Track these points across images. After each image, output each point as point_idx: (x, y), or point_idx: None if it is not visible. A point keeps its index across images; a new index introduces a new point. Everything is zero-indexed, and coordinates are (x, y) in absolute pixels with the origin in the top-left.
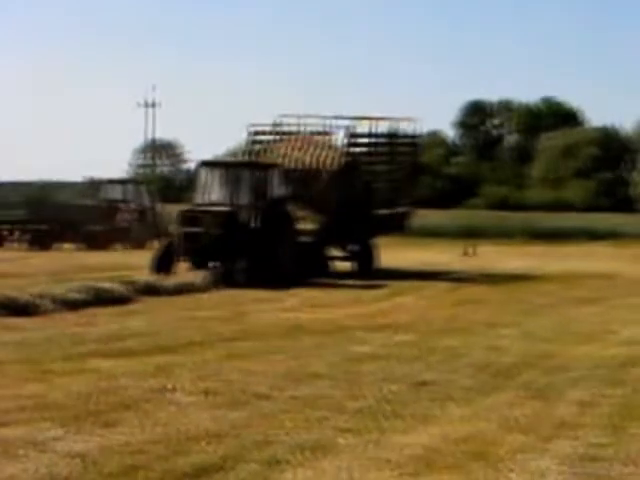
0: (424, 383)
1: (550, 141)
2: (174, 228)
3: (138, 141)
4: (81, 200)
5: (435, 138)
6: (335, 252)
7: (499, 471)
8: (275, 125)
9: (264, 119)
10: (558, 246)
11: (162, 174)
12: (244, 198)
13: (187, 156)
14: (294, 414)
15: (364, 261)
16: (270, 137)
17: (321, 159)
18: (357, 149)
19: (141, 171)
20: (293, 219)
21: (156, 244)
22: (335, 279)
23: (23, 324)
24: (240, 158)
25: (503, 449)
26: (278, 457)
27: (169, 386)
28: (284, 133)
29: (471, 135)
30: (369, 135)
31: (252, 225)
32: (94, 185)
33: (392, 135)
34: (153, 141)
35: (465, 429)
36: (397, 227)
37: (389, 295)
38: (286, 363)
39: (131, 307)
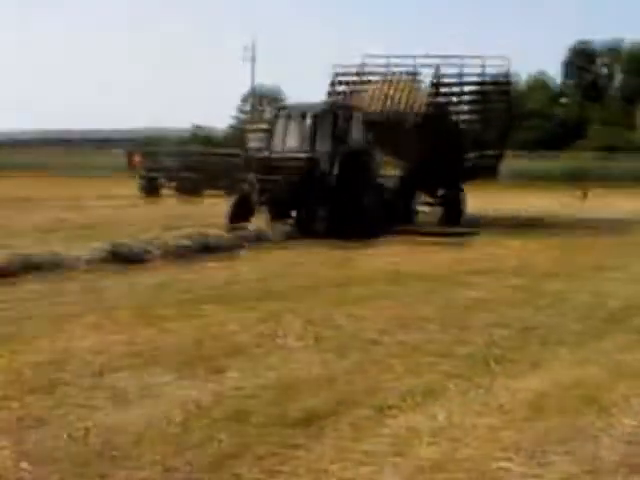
0: (533, 327)
1: None
2: (251, 176)
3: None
4: (229, 149)
5: (541, 80)
6: (423, 198)
7: (612, 416)
8: (360, 66)
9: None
10: None
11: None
12: (323, 144)
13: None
14: (404, 359)
15: (452, 208)
16: (354, 79)
17: (407, 102)
18: (445, 90)
19: (246, 118)
20: (376, 165)
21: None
22: (423, 226)
23: (134, 271)
24: (320, 102)
25: (615, 394)
26: (389, 402)
27: (279, 332)
28: (369, 74)
29: (579, 76)
30: (458, 76)
31: (332, 172)
32: (241, 134)
33: (482, 75)
34: (253, 90)
35: (576, 374)
36: (488, 172)
37: (496, 239)
38: (394, 309)
39: (238, 255)
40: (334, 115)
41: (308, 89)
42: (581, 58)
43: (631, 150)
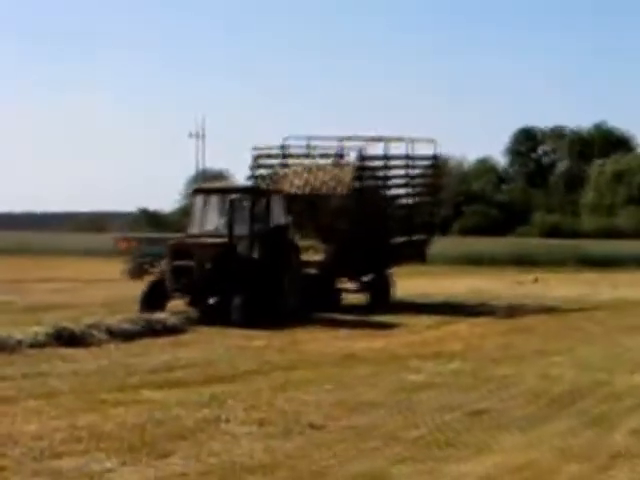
0: (478, 412)
1: (602, 167)
2: (164, 262)
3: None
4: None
5: (486, 165)
6: (347, 284)
7: None
8: (281, 148)
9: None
10: (610, 273)
11: None
12: (242, 227)
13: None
14: (348, 444)
15: (379, 293)
16: (275, 160)
17: (329, 184)
18: (369, 172)
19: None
20: (297, 249)
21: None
22: (348, 313)
23: (77, 354)
24: (237, 184)
25: (560, 478)
26: None
27: (223, 416)
28: (290, 156)
29: (522, 162)
30: (383, 157)
31: (251, 256)
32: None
33: (409, 157)
34: (204, 171)
35: (520, 458)
36: (416, 256)
37: (441, 323)
38: (340, 392)
39: (181, 338)
40: (252, 197)
41: None
42: (524, 144)
43: (575, 237)
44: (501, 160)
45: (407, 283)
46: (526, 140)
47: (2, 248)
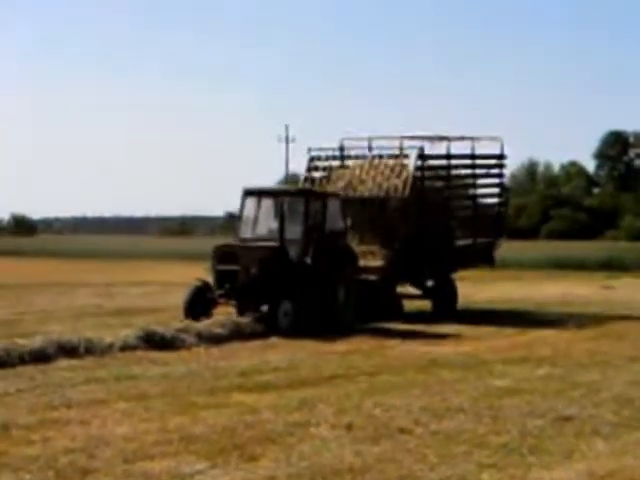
0: (566, 418)
1: None
2: (209, 266)
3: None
4: None
5: (575, 169)
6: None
7: None
8: (338, 149)
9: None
10: None
11: None
12: (294, 232)
13: None
14: (437, 449)
15: (442, 299)
16: (333, 162)
17: (388, 186)
18: (431, 173)
19: None
20: (354, 256)
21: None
22: (413, 322)
23: (167, 358)
24: (291, 186)
25: None
26: None
27: (312, 420)
28: (348, 157)
29: (612, 166)
30: (446, 156)
31: (303, 262)
32: None
33: (473, 156)
34: (291, 175)
35: (609, 466)
36: (482, 259)
37: (527, 329)
38: (426, 398)
39: (269, 341)
40: (306, 200)
41: None
42: (614, 147)
43: None
44: (590, 164)
45: (491, 288)
46: (616, 143)
47: (93, 252)
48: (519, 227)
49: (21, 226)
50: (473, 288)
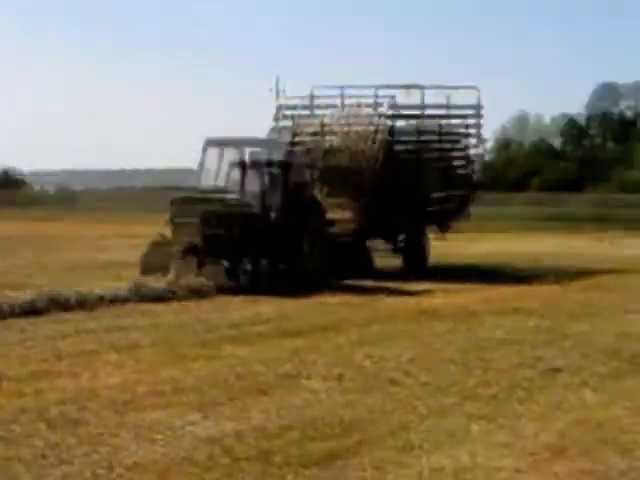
0: (557, 369)
1: None
2: (167, 219)
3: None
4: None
5: (566, 121)
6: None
7: (636, 459)
8: (308, 97)
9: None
10: None
11: None
12: (257, 184)
13: None
14: (427, 400)
15: (414, 255)
16: (303, 112)
17: (358, 137)
18: (403, 123)
19: None
20: (321, 207)
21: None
22: (381, 278)
23: (157, 309)
24: (252, 137)
25: (638, 436)
26: (412, 443)
27: (303, 372)
28: (318, 107)
29: (603, 118)
30: (419, 107)
31: (267, 216)
32: None
33: (448, 106)
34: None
35: (597, 416)
36: (457, 213)
37: (517, 281)
38: (417, 348)
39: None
40: (269, 152)
41: None
42: (606, 99)
43: None
44: (582, 116)
45: (484, 243)
46: (608, 96)
47: (87, 206)
48: (508, 180)
49: (11, 179)
50: (466, 242)
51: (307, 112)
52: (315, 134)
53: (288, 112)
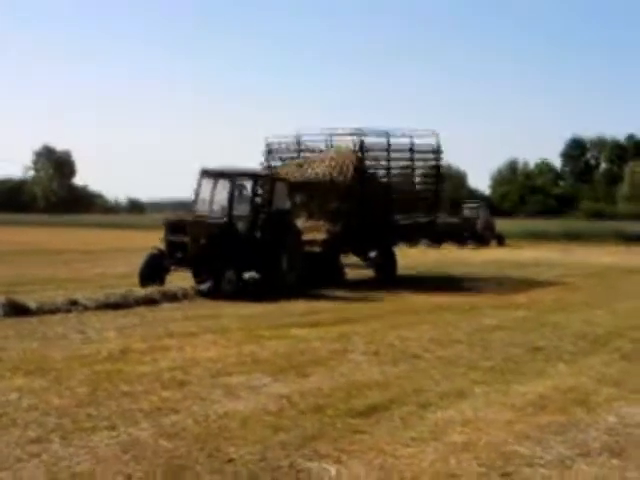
0: (537, 348)
1: (634, 168)
2: (162, 237)
3: None
4: (450, 217)
5: (545, 165)
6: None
7: (598, 415)
8: (292, 139)
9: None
10: None
11: None
12: (244, 209)
13: None
14: (441, 370)
15: (384, 268)
16: (286, 151)
17: (334, 171)
18: (371, 158)
19: None
20: (297, 231)
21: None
22: (352, 288)
23: (239, 304)
24: (243, 168)
25: (600, 398)
26: (430, 401)
27: (348, 348)
28: (300, 148)
29: (573, 164)
30: (385, 146)
31: (250, 236)
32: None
33: (411, 147)
34: None
35: (569, 383)
36: (420, 234)
37: (509, 282)
38: (434, 332)
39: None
40: (255, 182)
41: None
42: (575, 150)
43: (613, 219)
44: (557, 161)
45: (484, 253)
46: (576, 147)
47: None
48: (503, 208)
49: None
50: (470, 253)
51: (293, 152)
52: (298, 169)
53: (276, 152)
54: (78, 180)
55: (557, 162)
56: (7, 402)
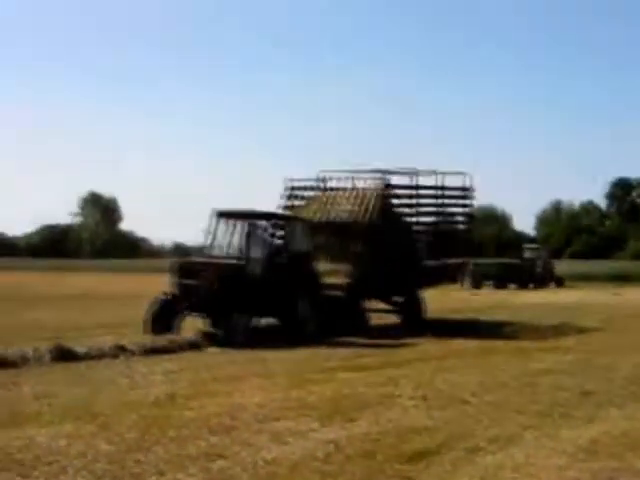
0: (587, 392)
1: None
2: (173, 281)
3: None
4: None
5: (591, 206)
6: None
7: None
8: (314, 180)
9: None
10: None
11: None
12: (259, 251)
13: None
14: (489, 414)
15: (410, 313)
16: (308, 192)
17: (356, 211)
18: (394, 199)
19: None
20: (317, 274)
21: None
22: (376, 335)
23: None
24: (258, 210)
25: None
26: (479, 445)
27: (396, 393)
28: (323, 188)
29: (619, 204)
30: (412, 186)
31: (266, 280)
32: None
33: (439, 187)
34: None
35: (622, 427)
36: (447, 278)
37: (558, 324)
38: (481, 376)
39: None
40: (272, 223)
41: None
42: (621, 190)
43: None
44: (602, 202)
45: (528, 295)
46: (622, 187)
47: None
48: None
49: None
50: (510, 295)
51: (314, 192)
52: (319, 210)
53: (298, 192)
54: (125, 225)
55: (602, 203)
56: (57, 449)
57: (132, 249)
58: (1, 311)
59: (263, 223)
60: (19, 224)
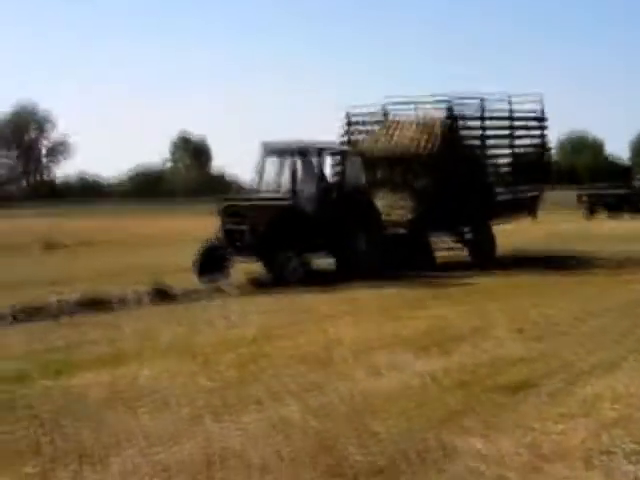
0: None
1: None
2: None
3: None
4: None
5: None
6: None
7: None
8: (375, 110)
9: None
10: None
11: None
12: (309, 187)
13: None
14: (587, 345)
15: (479, 248)
16: (369, 122)
17: (418, 142)
18: (463, 130)
19: None
20: (375, 209)
21: None
22: (444, 271)
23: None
24: (309, 142)
25: None
26: (577, 377)
27: (491, 325)
28: (384, 118)
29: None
30: (482, 111)
31: (319, 217)
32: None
33: (510, 112)
34: None
35: None
36: (523, 211)
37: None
38: (577, 305)
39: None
40: (323, 156)
41: None
42: None
43: None
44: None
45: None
46: None
47: None
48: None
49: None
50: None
51: (375, 124)
52: (379, 141)
53: (357, 125)
54: (215, 166)
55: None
56: (159, 385)
57: (223, 190)
58: (99, 255)
59: (315, 157)
60: (113, 169)
